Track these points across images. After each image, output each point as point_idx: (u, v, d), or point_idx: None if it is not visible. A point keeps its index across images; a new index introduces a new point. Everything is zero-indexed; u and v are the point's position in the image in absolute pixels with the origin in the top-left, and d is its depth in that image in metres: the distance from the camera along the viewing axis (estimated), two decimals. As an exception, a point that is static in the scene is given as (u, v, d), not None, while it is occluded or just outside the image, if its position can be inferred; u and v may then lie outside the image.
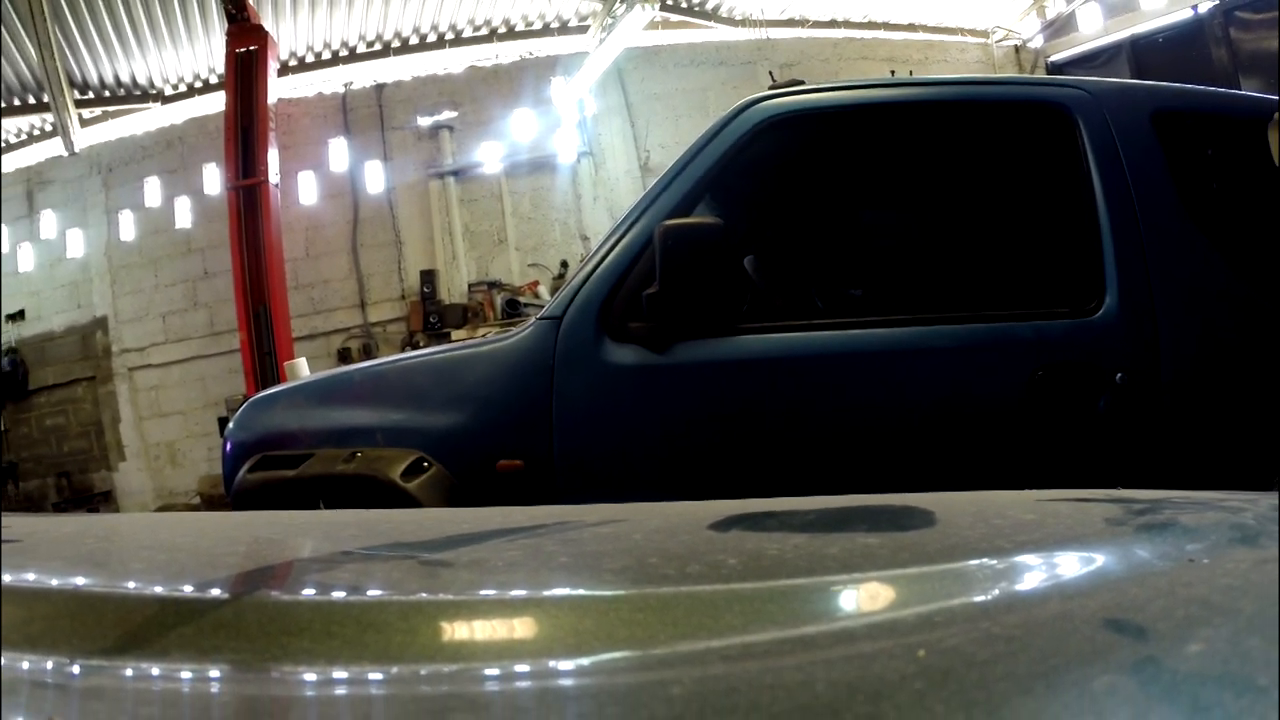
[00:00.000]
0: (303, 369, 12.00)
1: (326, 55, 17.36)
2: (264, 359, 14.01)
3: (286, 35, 16.44)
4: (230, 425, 4.76)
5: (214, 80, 17.05)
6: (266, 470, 4.33)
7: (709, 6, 17.56)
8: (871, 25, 18.37)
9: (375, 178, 16.47)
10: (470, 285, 15.48)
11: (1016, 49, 18.32)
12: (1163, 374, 4.03)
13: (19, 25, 15.42)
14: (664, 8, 16.15)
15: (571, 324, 4.06)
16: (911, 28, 18.46)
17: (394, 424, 4.23)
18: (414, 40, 17.34)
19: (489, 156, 16.29)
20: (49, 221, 17.11)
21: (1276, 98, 4.82)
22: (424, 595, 1.16)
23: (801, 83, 4.72)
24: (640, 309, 3.95)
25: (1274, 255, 4.21)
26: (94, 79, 17.08)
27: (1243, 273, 4.21)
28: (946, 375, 4.08)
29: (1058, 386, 4.02)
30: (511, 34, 17.50)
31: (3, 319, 16.96)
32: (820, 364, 4.06)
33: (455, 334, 14.65)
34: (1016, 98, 4.77)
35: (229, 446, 4.60)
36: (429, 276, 15.77)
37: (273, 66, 15.18)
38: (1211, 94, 5.24)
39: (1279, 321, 4.05)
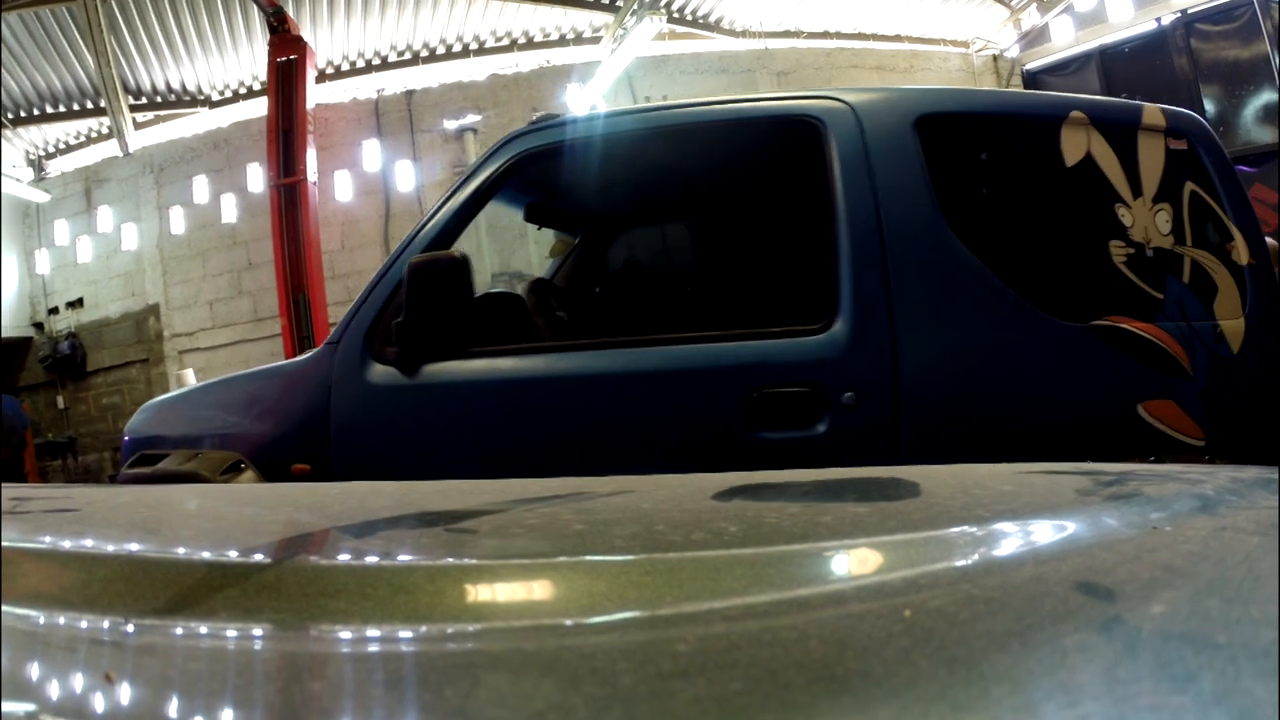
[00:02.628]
0: (189, 378, 12.33)
1: (360, 64, 17.39)
2: (303, 343, 14.06)
3: (324, 45, 16.47)
4: (126, 426, 4.96)
5: (257, 87, 17.11)
6: (139, 466, 4.50)
7: (712, 19, 17.60)
8: (861, 36, 18.40)
9: (405, 176, 16.51)
10: (493, 275, 15.45)
11: (995, 58, 18.32)
12: (901, 393, 3.79)
13: (78, 36, 15.51)
14: (671, 20, 16.16)
15: (345, 348, 4.21)
16: (898, 38, 18.48)
17: (227, 430, 4.43)
18: (441, 50, 17.38)
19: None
20: (105, 217, 17.21)
21: (1076, 97, 4.51)
22: (450, 560, 1.16)
23: (557, 115, 4.60)
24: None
25: (1056, 262, 4.06)
26: (146, 85, 17.14)
27: (1013, 281, 3.91)
28: (660, 398, 3.93)
29: (774, 409, 3.81)
30: (530, 44, 17.52)
31: (47, 310, 17.01)
32: (534, 387, 4.05)
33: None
34: (768, 114, 4.47)
35: (125, 444, 4.80)
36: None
37: (311, 74, 15.21)
38: (994, 95, 4.89)
39: (1054, 330, 3.85)
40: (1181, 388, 3.82)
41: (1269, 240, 4.17)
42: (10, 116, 17.19)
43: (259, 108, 16.43)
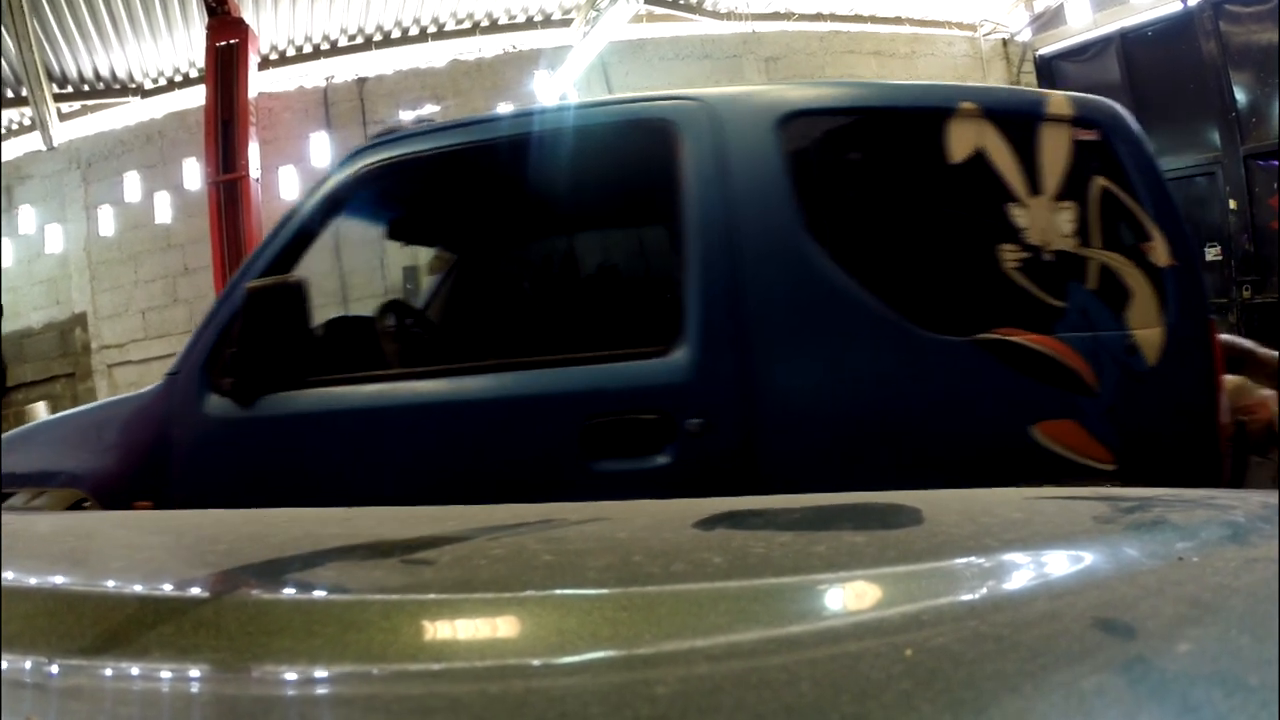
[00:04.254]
0: (40, 412, 12.48)
1: (307, 49, 17.39)
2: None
3: (267, 28, 16.48)
4: None
5: (194, 74, 17.09)
6: None
7: (694, 0, 17.60)
8: (858, 19, 18.47)
9: (357, 173, 16.35)
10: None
11: (1004, 42, 18.40)
12: (755, 419, 3.76)
13: (-4, 18, 15.40)
14: (649, 1, 16.18)
15: (184, 379, 4.24)
16: (898, 20, 18.55)
17: (71, 468, 4.44)
18: (396, 34, 17.40)
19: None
20: (27, 217, 17.13)
21: (969, 87, 4.45)
22: (406, 594, 1.16)
23: (401, 128, 4.59)
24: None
25: (936, 271, 4.02)
26: (72, 72, 17.10)
27: (884, 294, 3.84)
28: (491, 427, 3.95)
29: (614, 438, 3.80)
30: (494, 27, 17.55)
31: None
32: (367, 417, 4.08)
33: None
34: (617, 119, 4.41)
35: None
36: (411, 273, 15.72)
37: (253, 60, 15.23)
38: (872, 89, 4.72)
39: (931, 347, 3.79)
40: (1085, 406, 3.77)
41: None
42: (-80, 106, 17.16)
43: (196, 97, 16.38)
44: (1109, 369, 3.81)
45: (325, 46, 17.40)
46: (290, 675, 0.87)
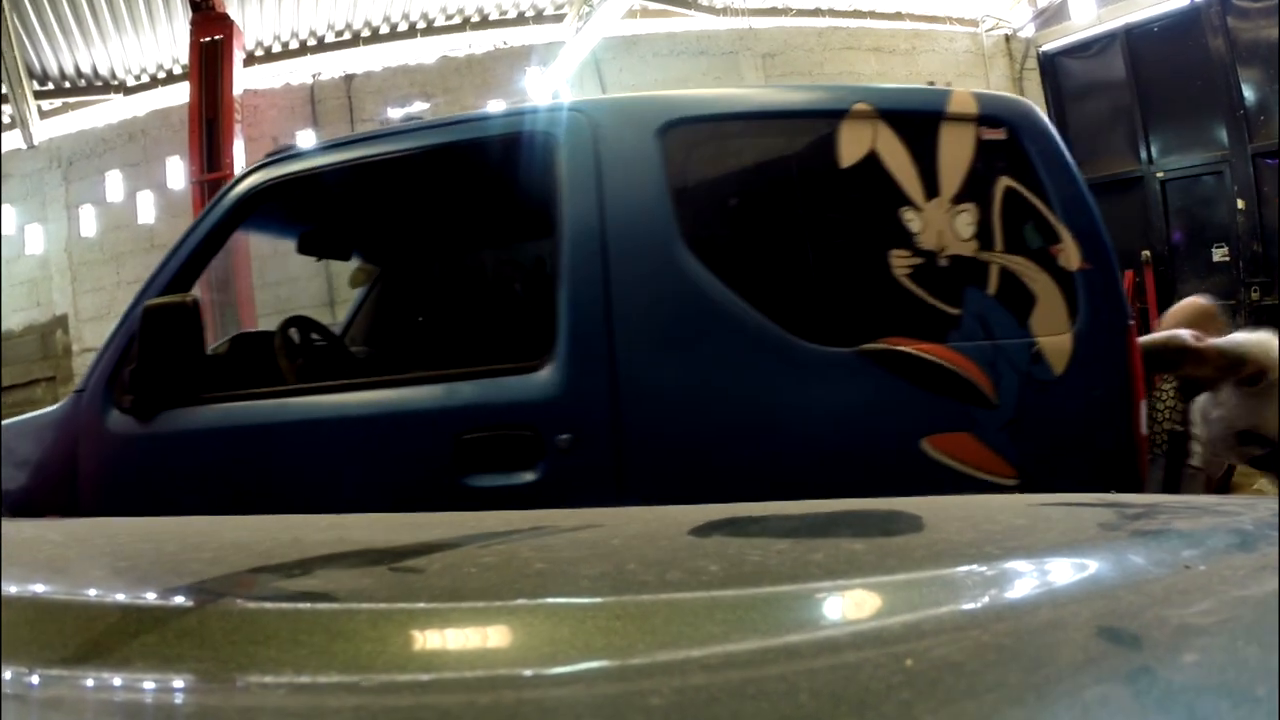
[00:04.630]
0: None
1: (294, 45, 17.39)
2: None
3: (252, 24, 16.47)
4: None
5: (178, 71, 17.07)
6: None
7: (690, -6, 17.62)
8: (857, 14, 18.48)
9: (345, 172, 16.33)
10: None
11: (1007, 38, 18.37)
12: (625, 434, 3.80)
13: (-25, 14, 15.39)
14: (643, -5, 16.20)
15: (89, 396, 4.33)
16: (899, 16, 18.56)
17: None
18: (384, 29, 17.41)
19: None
20: (8, 217, 17.05)
21: (865, 88, 4.46)
22: (395, 603, 1.16)
23: (293, 146, 4.76)
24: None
25: (821, 280, 4.00)
26: (53, 69, 17.09)
27: (763, 304, 3.83)
28: (370, 443, 4.04)
29: (485, 454, 3.88)
30: (485, 23, 17.56)
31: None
32: (254, 434, 4.15)
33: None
34: (497, 132, 4.46)
35: None
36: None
37: (238, 56, 15.20)
38: (759, 95, 4.76)
39: (812, 358, 3.77)
40: (982, 418, 3.74)
41: None
42: (-103, 103, 17.13)
43: (180, 94, 16.35)
44: (1009, 379, 3.78)
45: (312, 42, 17.40)
46: (276, 685, 0.87)
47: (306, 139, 16.22)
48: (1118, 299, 3.93)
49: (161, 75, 17.52)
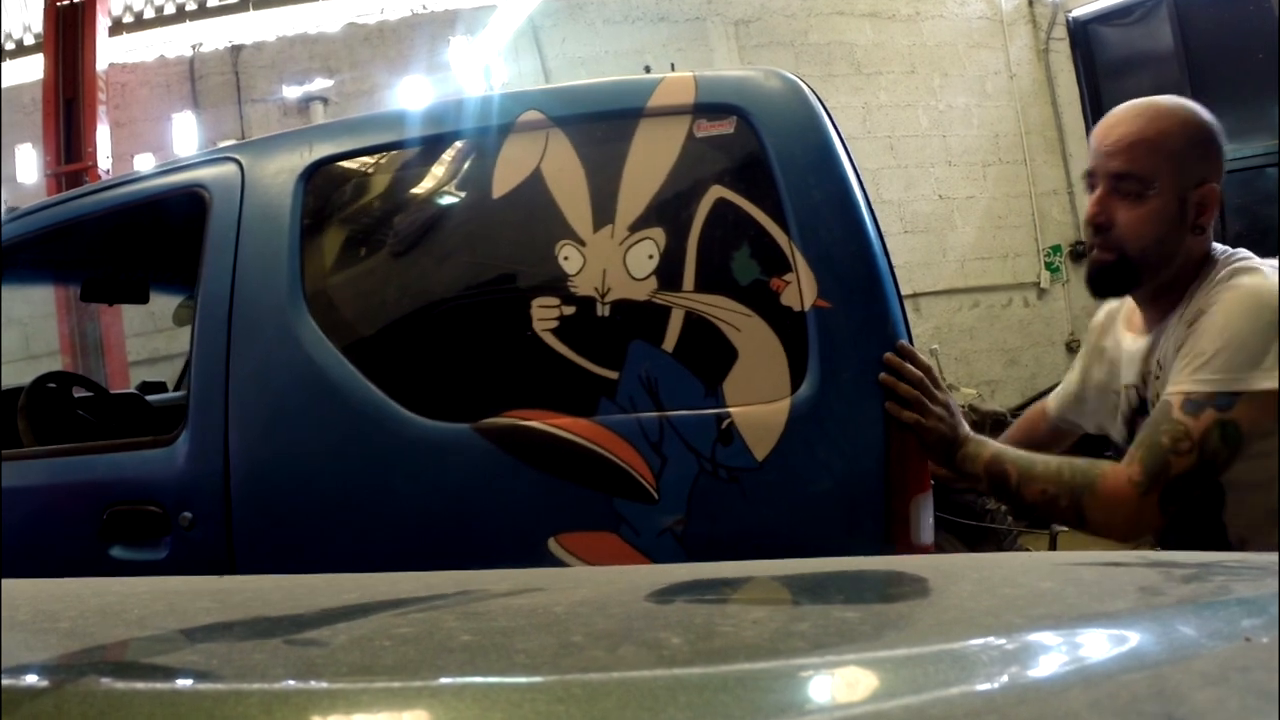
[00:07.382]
0: None
1: (170, 9, 17.25)
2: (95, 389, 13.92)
3: (120, -16, 16.36)
4: None
5: (30, 41, 16.93)
6: None
7: (648, -50, 17.57)
8: (850, -28, 18.39)
9: (231, 161, 16.25)
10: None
11: (1030, 3, 18.04)
12: (233, 515, 3.88)
13: None
14: (591, -52, 16.17)
15: None
16: (899, -26, 18.48)
17: None
18: (279, -9, 17.31)
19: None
20: None
21: (540, 91, 4.36)
22: (291, 683, 1.16)
23: (15, 208, 5.23)
24: None
25: (444, 341, 3.89)
26: (-121, 39, 16.96)
27: (375, 372, 3.77)
28: (38, 512, 4.37)
29: (126, 528, 4.13)
30: (400, -17, 17.49)
31: None
32: None
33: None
34: (160, 191, 4.56)
35: None
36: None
37: (103, 24, 15.08)
38: (410, 119, 4.29)
39: (419, 434, 3.70)
40: (633, 515, 3.45)
41: None
42: None
43: (32, 69, 16.24)
44: (678, 464, 3.45)
45: (192, 7, 17.29)
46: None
47: (186, 122, 16.16)
48: (878, 348, 3.38)
49: (10, 46, 17.41)
